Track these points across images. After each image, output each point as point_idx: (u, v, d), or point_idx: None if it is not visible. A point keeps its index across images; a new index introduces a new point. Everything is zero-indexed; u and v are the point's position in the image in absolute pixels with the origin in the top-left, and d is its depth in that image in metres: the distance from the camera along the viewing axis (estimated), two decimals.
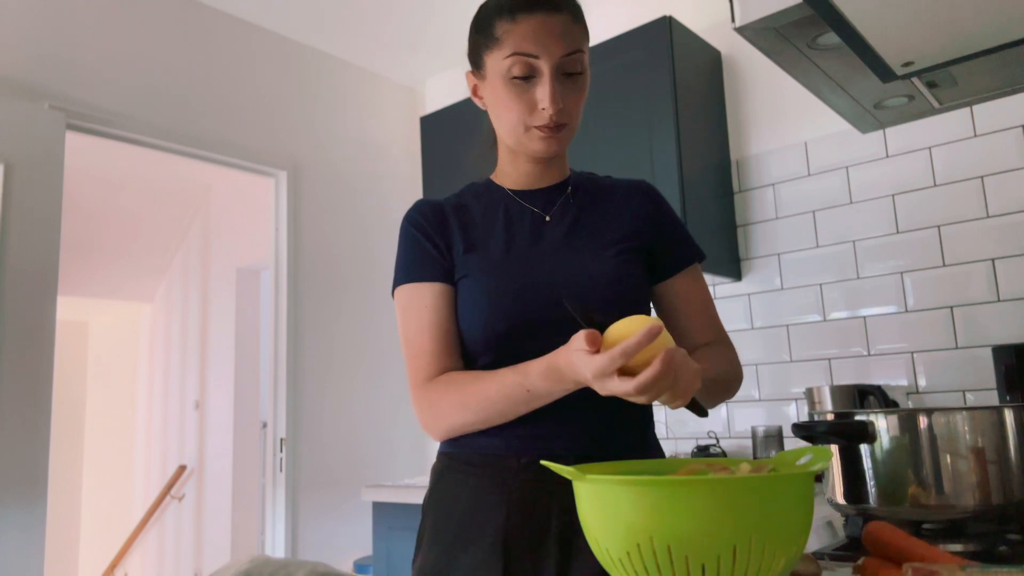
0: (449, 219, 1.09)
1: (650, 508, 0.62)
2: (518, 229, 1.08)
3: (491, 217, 1.10)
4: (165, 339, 5.21)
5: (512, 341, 1.00)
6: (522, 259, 1.05)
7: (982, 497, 0.95)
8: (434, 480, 1.09)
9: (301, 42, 3.17)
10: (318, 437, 2.97)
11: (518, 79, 1.00)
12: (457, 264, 1.06)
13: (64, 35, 2.47)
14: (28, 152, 2.27)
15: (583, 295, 1.00)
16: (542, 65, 0.99)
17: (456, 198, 1.14)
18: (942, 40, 1.06)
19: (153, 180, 4.41)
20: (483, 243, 1.07)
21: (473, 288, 1.04)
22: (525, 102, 1.00)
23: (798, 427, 1.05)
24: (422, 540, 1.06)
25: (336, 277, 3.14)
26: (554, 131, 1.02)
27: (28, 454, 2.16)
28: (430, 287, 1.05)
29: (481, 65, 1.06)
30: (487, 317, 1.01)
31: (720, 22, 2.55)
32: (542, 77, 0.99)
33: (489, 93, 1.06)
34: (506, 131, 1.06)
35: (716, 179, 2.42)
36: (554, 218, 1.09)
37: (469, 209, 1.11)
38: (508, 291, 1.02)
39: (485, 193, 1.14)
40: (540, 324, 0.99)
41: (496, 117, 1.07)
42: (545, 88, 0.99)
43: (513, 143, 1.06)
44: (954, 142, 2.09)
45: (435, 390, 1.01)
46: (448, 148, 2.87)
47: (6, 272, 2.18)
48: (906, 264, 2.13)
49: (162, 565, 4.93)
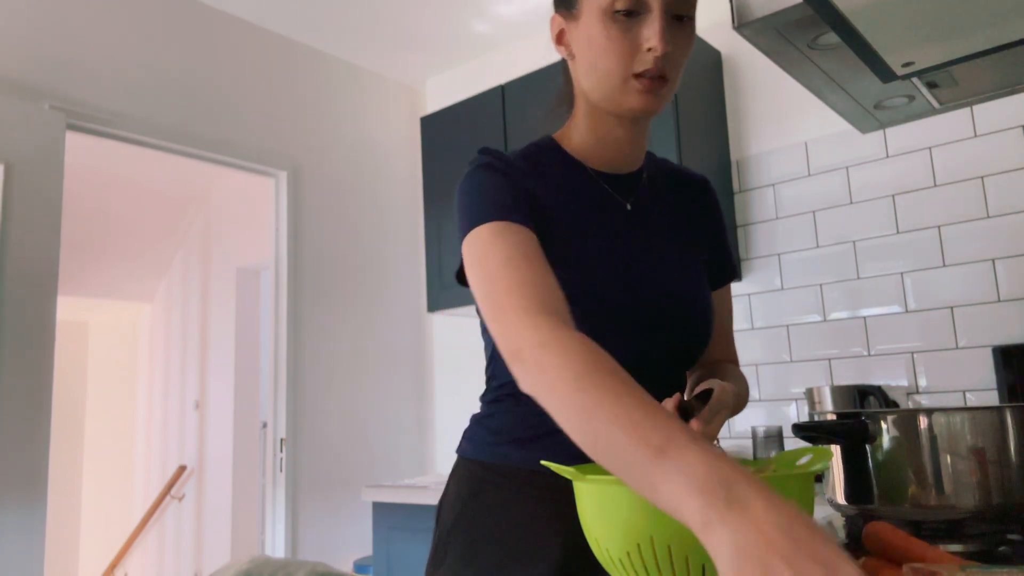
0: (529, 173, 0.95)
1: (650, 508, 0.62)
2: (602, 214, 0.96)
3: (571, 190, 0.96)
4: (165, 339, 5.21)
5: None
6: (610, 252, 0.94)
7: (982, 497, 0.95)
8: (467, 492, 0.97)
9: (301, 42, 3.17)
10: (318, 437, 2.97)
11: (622, 14, 0.86)
12: (541, 227, 0.89)
13: (64, 35, 2.47)
14: (28, 152, 2.27)
15: (673, 317, 0.94)
16: (652, 0, 0.86)
17: (523, 156, 0.98)
18: (942, 40, 1.06)
19: (153, 180, 4.41)
20: (568, 218, 0.94)
21: (557, 267, 0.85)
22: (628, 43, 0.86)
23: (798, 427, 1.05)
24: (446, 553, 0.96)
25: (336, 277, 3.14)
26: (656, 83, 0.88)
27: (28, 454, 2.16)
28: (523, 229, 0.85)
29: (575, 2, 0.91)
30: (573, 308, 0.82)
31: (720, 22, 2.55)
32: (651, 14, 0.86)
33: (581, 34, 0.90)
34: (599, 80, 0.90)
35: (716, 179, 2.42)
36: (634, 209, 0.99)
37: (544, 171, 0.96)
38: (595, 282, 0.91)
39: (559, 160, 0.99)
40: (623, 324, 0.91)
41: (589, 64, 0.90)
42: (654, 25, 0.85)
43: (605, 96, 0.91)
44: (954, 142, 2.09)
45: (559, 335, 0.72)
46: (449, 148, 2.87)
47: (6, 272, 2.18)
48: (906, 264, 2.13)
49: (162, 565, 4.93)
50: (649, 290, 0.94)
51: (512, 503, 0.93)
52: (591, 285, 0.91)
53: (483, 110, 2.75)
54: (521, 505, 0.93)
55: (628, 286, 0.93)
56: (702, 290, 1.00)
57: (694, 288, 0.99)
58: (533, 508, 0.92)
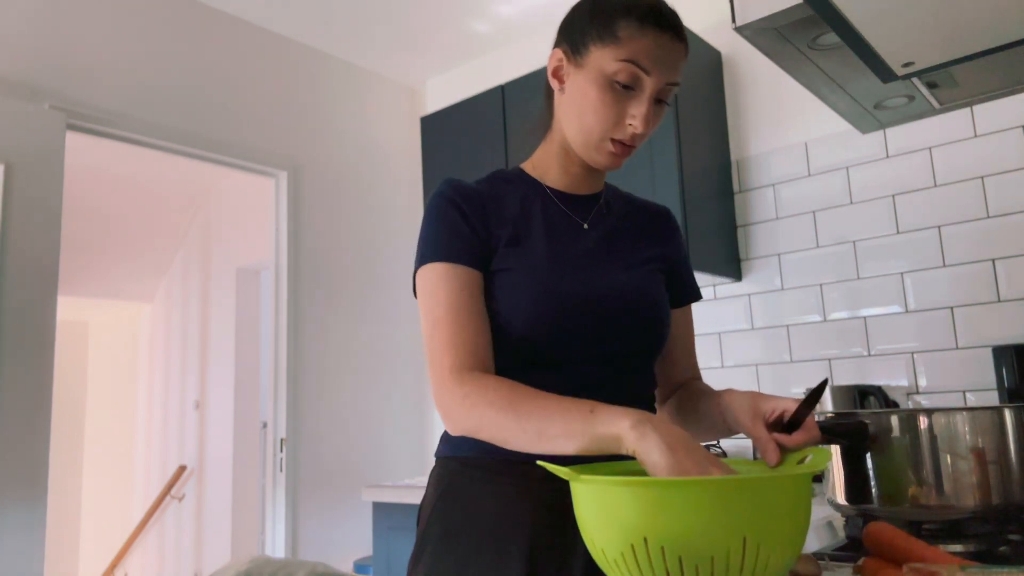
0: (487, 205, 1.03)
1: (645, 509, 0.63)
2: (559, 232, 1.03)
3: (529, 212, 1.04)
4: (165, 339, 5.21)
5: (546, 345, 0.96)
6: (565, 264, 1.00)
7: (982, 497, 0.95)
8: (441, 487, 1.02)
9: (301, 42, 3.17)
10: (318, 437, 2.97)
11: (619, 85, 0.95)
12: (497, 255, 0.99)
13: (64, 35, 2.47)
14: (28, 152, 2.27)
15: (620, 308, 0.99)
16: (648, 83, 0.95)
17: (488, 184, 1.07)
18: (942, 40, 1.06)
19: (153, 180, 4.41)
20: (525, 239, 1.01)
21: (514, 285, 0.97)
22: (615, 112, 0.96)
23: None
24: (424, 550, 1.00)
25: (336, 277, 3.14)
26: (626, 150, 0.99)
27: (28, 454, 2.16)
28: (467, 271, 0.97)
29: (583, 53, 0.98)
30: (528, 318, 0.96)
31: (720, 22, 2.55)
32: (642, 94, 0.96)
33: (579, 85, 0.99)
34: (579, 131, 1.00)
35: (716, 179, 2.42)
36: (591, 226, 1.06)
37: (504, 199, 1.04)
38: (552, 294, 0.97)
39: (520, 185, 1.07)
40: (577, 332, 0.97)
41: (575, 113, 1.00)
42: (642, 107, 0.96)
43: (579, 145, 1.01)
44: (954, 142, 2.09)
45: (479, 384, 0.90)
46: (449, 148, 2.87)
47: (6, 272, 2.18)
48: (906, 264, 2.13)
49: (162, 565, 4.93)
50: (603, 287, 1.00)
51: (482, 492, 0.98)
52: (550, 286, 0.97)
53: (483, 110, 2.74)
54: (492, 494, 0.97)
55: (583, 284, 0.99)
56: (655, 287, 1.05)
57: (646, 285, 1.04)
58: (502, 495, 0.96)
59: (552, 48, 1.04)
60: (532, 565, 0.92)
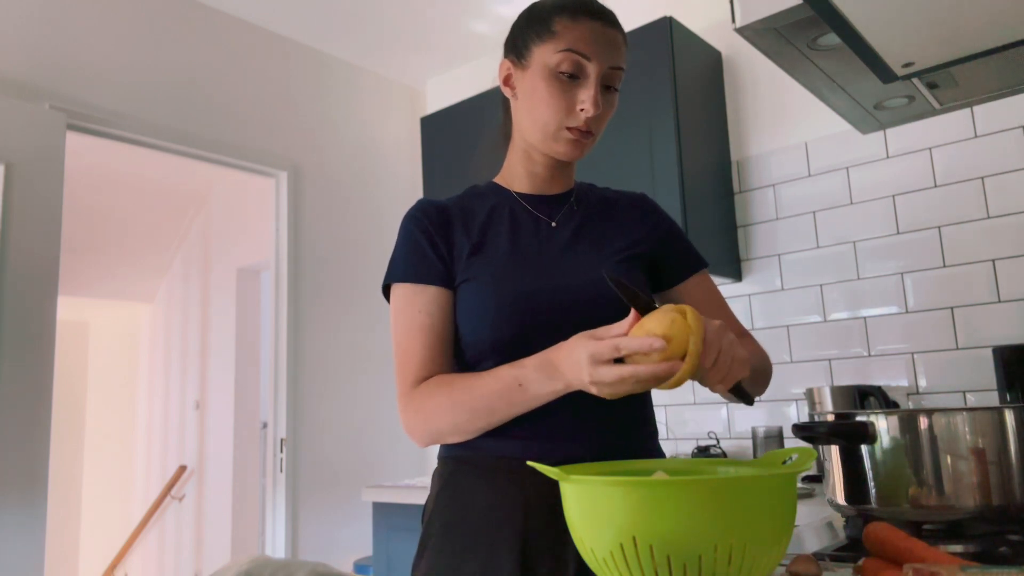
0: (453, 221, 1.07)
1: (633, 508, 0.64)
2: (524, 233, 1.07)
3: (496, 220, 1.08)
4: (165, 339, 5.21)
5: (517, 346, 0.98)
6: (528, 264, 1.04)
7: (982, 498, 0.95)
8: (440, 485, 1.05)
9: (301, 42, 3.17)
10: (318, 437, 2.97)
11: (564, 75, 1.00)
12: (460, 268, 1.04)
13: (64, 35, 2.47)
14: (28, 152, 2.28)
15: (588, 299, 1.00)
16: (591, 68, 1.00)
17: (459, 200, 1.12)
18: (942, 40, 1.06)
19: (153, 180, 4.42)
20: (488, 246, 1.05)
21: (478, 292, 1.02)
22: (566, 100, 1.01)
23: (798, 428, 1.05)
24: (425, 547, 1.03)
25: (336, 277, 3.14)
26: (583, 136, 1.02)
27: (28, 454, 2.16)
28: (426, 290, 1.03)
29: (526, 55, 1.05)
30: (493, 321, 0.99)
31: (720, 22, 2.55)
32: (587, 80, 1.00)
33: (527, 84, 1.04)
34: (535, 126, 1.04)
35: (716, 180, 2.42)
36: (559, 224, 1.09)
37: (473, 211, 1.09)
38: (515, 295, 1.00)
39: (490, 195, 1.12)
40: (546, 329, 0.98)
41: (528, 110, 1.05)
42: (589, 90, 1.00)
43: (539, 140, 1.05)
44: (954, 143, 2.09)
45: (423, 392, 0.99)
46: (449, 149, 2.87)
47: (6, 272, 2.19)
48: (906, 265, 2.13)
49: (162, 565, 4.93)
50: (569, 282, 1.02)
51: (477, 489, 1.00)
52: (511, 287, 1.01)
53: (483, 110, 2.74)
54: (487, 491, 0.99)
55: (548, 280, 1.02)
56: (627, 276, 1.06)
57: (615, 274, 1.04)
58: (496, 492, 0.98)
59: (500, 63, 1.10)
60: (525, 559, 0.93)
